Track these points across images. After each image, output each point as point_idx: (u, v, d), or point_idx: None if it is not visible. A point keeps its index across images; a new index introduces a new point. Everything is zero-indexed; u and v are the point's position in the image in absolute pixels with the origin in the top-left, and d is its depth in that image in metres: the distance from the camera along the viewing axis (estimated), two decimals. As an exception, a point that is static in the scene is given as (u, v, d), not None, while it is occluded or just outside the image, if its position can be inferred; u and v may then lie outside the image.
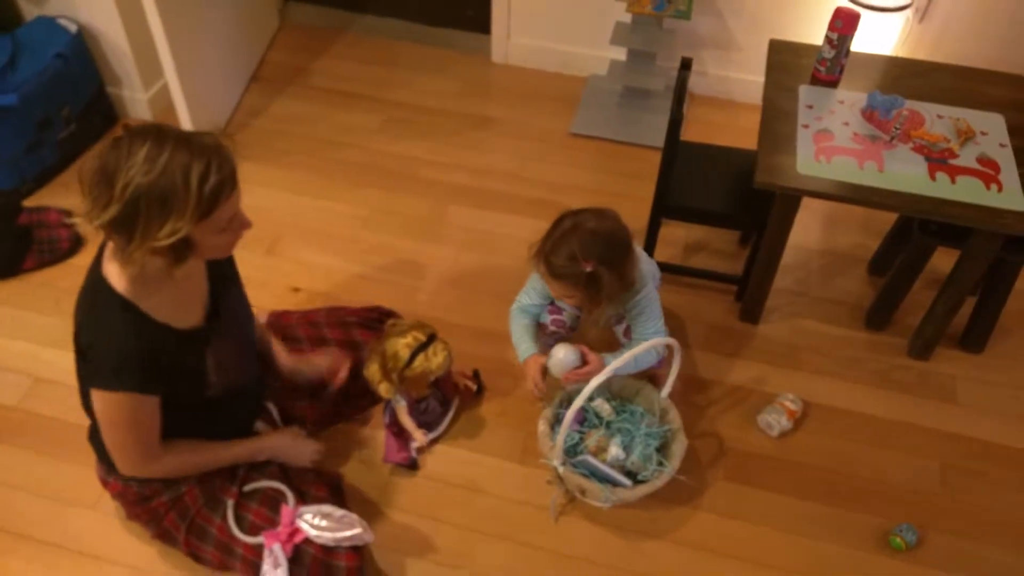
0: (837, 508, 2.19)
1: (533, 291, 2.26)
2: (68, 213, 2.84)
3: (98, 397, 1.69)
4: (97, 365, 1.65)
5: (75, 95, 3.01)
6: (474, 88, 3.55)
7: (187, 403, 1.81)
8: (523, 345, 2.24)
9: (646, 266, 2.20)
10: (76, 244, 2.78)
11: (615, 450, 2.10)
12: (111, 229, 1.50)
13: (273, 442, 2.05)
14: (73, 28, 2.98)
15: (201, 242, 1.58)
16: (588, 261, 1.93)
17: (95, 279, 1.66)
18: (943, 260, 2.56)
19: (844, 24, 2.40)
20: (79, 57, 2.99)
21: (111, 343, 1.63)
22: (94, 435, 1.98)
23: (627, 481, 2.06)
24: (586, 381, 2.01)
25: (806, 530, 2.15)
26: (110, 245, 1.61)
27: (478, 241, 2.87)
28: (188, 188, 1.47)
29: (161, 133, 1.49)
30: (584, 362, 2.15)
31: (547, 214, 2.09)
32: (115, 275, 1.63)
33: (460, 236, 2.89)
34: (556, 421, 2.17)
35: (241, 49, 3.46)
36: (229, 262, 1.94)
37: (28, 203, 2.88)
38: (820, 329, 2.63)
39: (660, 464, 2.12)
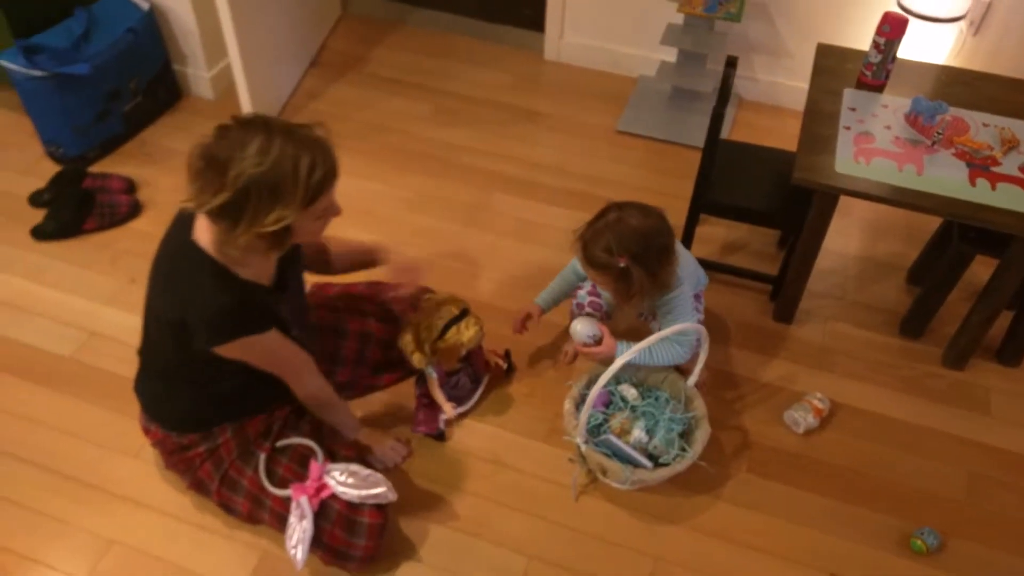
0: (859, 507, 2.20)
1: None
2: (130, 181, 2.97)
3: (225, 350, 1.79)
4: (204, 330, 1.74)
5: (143, 69, 3.15)
6: (525, 83, 3.62)
7: None
8: (545, 293, 2.39)
9: (688, 269, 2.21)
10: (135, 210, 2.90)
11: (638, 432, 2.14)
12: (219, 213, 1.59)
13: (372, 434, 2.20)
14: (145, 6, 3.12)
15: (299, 228, 1.67)
16: (623, 256, 1.95)
17: (182, 243, 1.74)
18: (982, 270, 2.55)
19: (892, 29, 2.42)
20: (149, 33, 3.13)
21: (208, 304, 1.71)
22: (139, 386, 2.08)
23: (648, 463, 2.10)
24: (606, 362, 2.05)
25: (826, 526, 2.15)
26: (200, 217, 1.70)
27: (519, 229, 2.93)
28: (297, 179, 1.57)
29: (269, 126, 1.58)
30: (599, 341, 2.20)
31: (589, 207, 2.12)
32: (204, 238, 1.72)
33: (502, 223, 2.95)
34: (582, 401, 2.21)
35: (303, 35, 3.57)
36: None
37: (93, 169, 3.02)
38: (854, 333, 2.63)
39: (683, 449, 2.15)
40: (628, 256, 1.95)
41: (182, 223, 1.78)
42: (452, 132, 3.33)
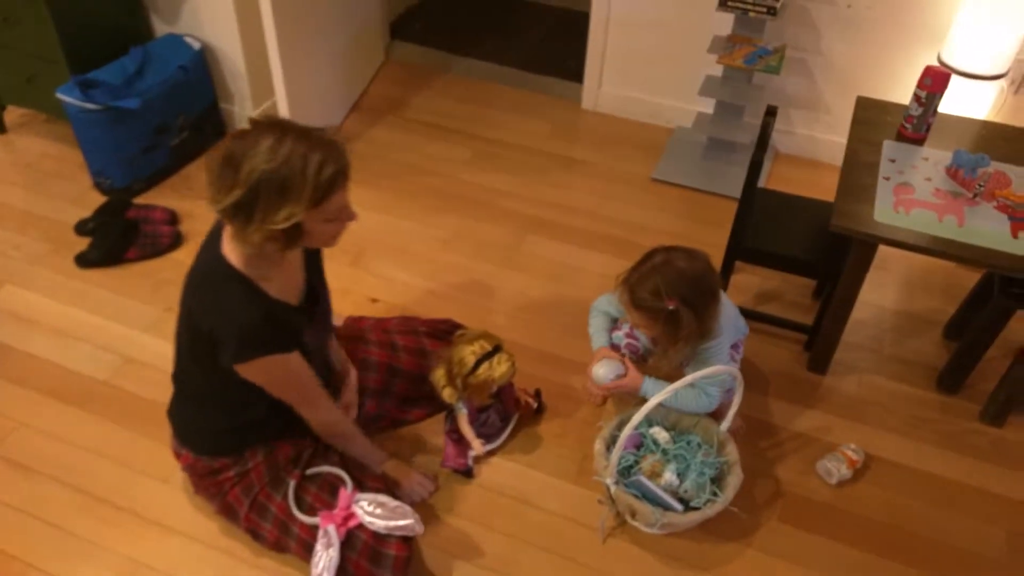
0: (892, 561, 2.14)
1: (612, 303, 2.32)
2: (173, 213, 3.04)
3: (244, 369, 1.80)
4: (228, 343, 1.75)
5: (191, 106, 3.24)
6: (562, 131, 3.67)
7: None
8: (597, 336, 2.33)
9: (730, 318, 2.20)
10: (176, 241, 2.96)
11: (669, 475, 2.11)
12: (233, 212, 1.63)
13: (399, 467, 2.20)
14: (197, 45, 3.22)
15: (311, 229, 1.70)
16: (672, 299, 1.95)
17: (212, 256, 1.78)
18: (1020, 327, 2.51)
19: (933, 82, 2.43)
20: (199, 71, 3.23)
21: (235, 317, 1.74)
22: (173, 410, 2.11)
23: (679, 506, 2.07)
24: (631, 396, 2.04)
25: (859, 580, 2.11)
26: (228, 229, 1.74)
27: (552, 272, 2.94)
28: (305, 176, 1.60)
29: (284, 126, 1.63)
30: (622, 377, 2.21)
31: (623, 252, 2.14)
32: (233, 254, 1.76)
33: (535, 265, 2.97)
34: (613, 441, 2.20)
35: (347, 79, 3.66)
36: (318, 262, 2.06)
37: (137, 201, 3.10)
38: (889, 386, 2.60)
39: (714, 494, 2.12)
40: (678, 299, 1.95)
41: (212, 240, 1.81)
42: (489, 176, 3.37)
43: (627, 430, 1.96)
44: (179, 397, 2.08)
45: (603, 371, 2.23)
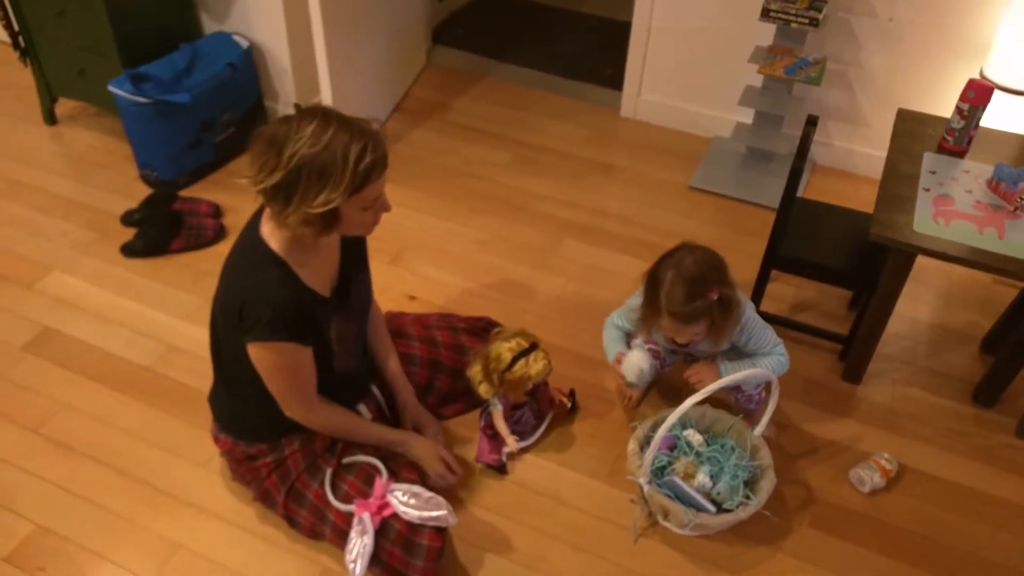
0: (922, 571, 2.13)
1: (625, 318, 2.33)
2: (217, 206, 3.10)
3: (257, 348, 1.84)
4: (255, 320, 1.78)
5: (237, 103, 3.31)
6: (601, 137, 3.70)
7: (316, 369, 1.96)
8: (612, 346, 2.34)
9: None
10: (220, 234, 3.02)
11: (702, 477, 2.13)
12: (272, 193, 1.67)
13: (415, 442, 2.18)
14: (245, 44, 3.29)
15: (347, 216, 1.74)
16: (711, 289, 1.97)
17: (251, 237, 1.83)
18: (1061, 342, 2.49)
19: (976, 96, 2.43)
20: (246, 69, 3.30)
21: (266, 296, 1.78)
22: (213, 397, 2.15)
23: (711, 507, 2.08)
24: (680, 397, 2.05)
25: (890, 588, 2.11)
26: (267, 211, 1.78)
27: (588, 275, 2.97)
28: (346, 163, 1.64)
29: (327, 114, 1.68)
30: (659, 368, 2.24)
31: (657, 257, 2.13)
32: (271, 236, 1.80)
33: (571, 268, 2.99)
34: (647, 442, 2.21)
35: (389, 81, 3.72)
36: (361, 249, 2.09)
37: (183, 193, 3.16)
38: (924, 398, 2.59)
39: (747, 497, 2.12)
40: (715, 286, 1.97)
41: (253, 222, 1.86)
42: (528, 180, 3.41)
43: (662, 430, 1.98)
44: (217, 382, 2.12)
45: (637, 359, 2.21)
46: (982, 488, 2.35)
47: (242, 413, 2.09)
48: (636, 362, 2.21)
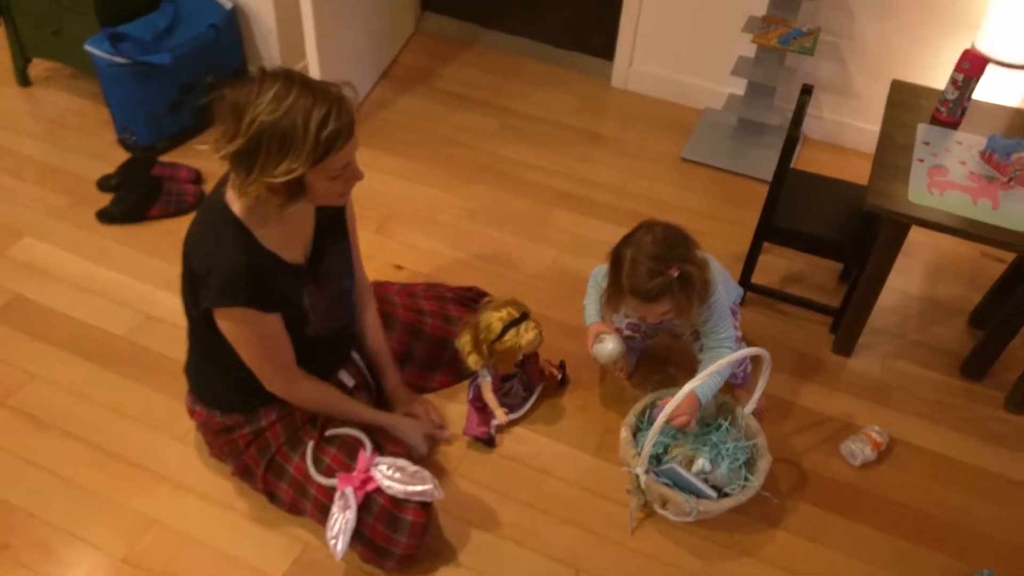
0: (917, 544, 2.13)
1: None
2: (198, 172, 3.02)
3: (221, 316, 1.77)
4: (212, 284, 1.72)
5: (219, 66, 3.22)
6: (591, 107, 3.64)
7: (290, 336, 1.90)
8: (591, 308, 2.30)
9: (720, 274, 2.17)
10: (200, 200, 2.94)
11: (702, 462, 2.08)
12: (233, 161, 1.60)
13: (404, 426, 2.14)
14: (228, 4, 3.21)
15: (314, 185, 1.66)
16: (670, 266, 1.91)
17: (214, 202, 1.76)
18: (1052, 316, 2.48)
19: (971, 66, 2.40)
20: (229, 31, 3.21)
21: (223, 260, 1.71)
22: (189, 367, 2.08)
23: (712, 492, 2.04)
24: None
25: (884, 562, 2.09)
26: (232, 176, 1.71)
27: (577, 244, 2.93)
28: (307, 131, 1.55)
29: (290, 77, 1.58)
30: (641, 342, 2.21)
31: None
32: (234, 201, 1.72)
33: (560, 238, 2.95)
34: (637, 429, 2.18)
35: (377, 47, 3.64)
36: (342, 217, 2.02)
37: (163, 159, 3.08)
38: (913, 371, 2.58)
39: (745, 479, 2.10)
40: (674, 261, 1.92)
41: (220, 185, 1.79)
42: (516, 148, 3.35)
43: (656, 428, 1.91)
44: (191, 351, 2.05)
45: (611, 346, 2.19)
46: (972, 461, 2.34)
47: (214, 381, 2.02)
48: (608, 352, 2.20)
